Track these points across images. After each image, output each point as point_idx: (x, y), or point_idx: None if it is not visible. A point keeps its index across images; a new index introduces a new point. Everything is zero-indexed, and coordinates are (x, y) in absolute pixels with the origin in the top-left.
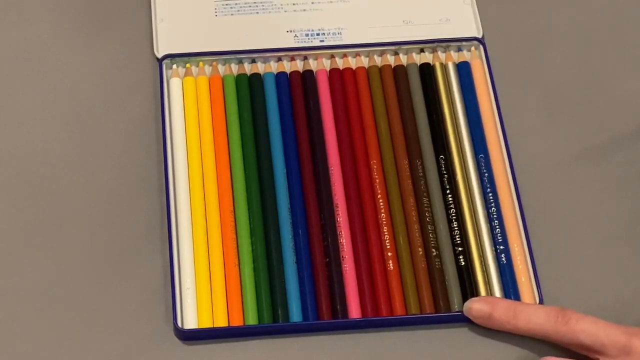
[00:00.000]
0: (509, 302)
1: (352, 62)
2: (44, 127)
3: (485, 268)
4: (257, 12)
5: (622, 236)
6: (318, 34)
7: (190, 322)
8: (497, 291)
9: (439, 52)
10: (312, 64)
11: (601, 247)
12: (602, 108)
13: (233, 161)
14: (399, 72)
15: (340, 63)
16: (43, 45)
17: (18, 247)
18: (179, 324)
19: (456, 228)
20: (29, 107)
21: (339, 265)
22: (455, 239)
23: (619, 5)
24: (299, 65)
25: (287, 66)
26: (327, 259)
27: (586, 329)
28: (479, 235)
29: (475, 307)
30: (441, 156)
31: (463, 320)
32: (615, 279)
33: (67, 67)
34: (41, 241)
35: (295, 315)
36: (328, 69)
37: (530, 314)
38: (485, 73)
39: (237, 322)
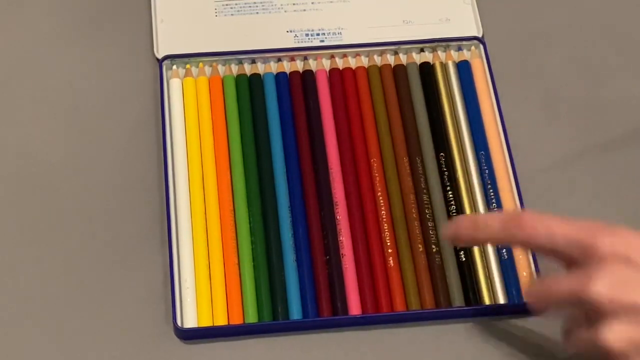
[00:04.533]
0: (471, 216)
1: (352, 62)
2: (44, 127)
3: (486, 263)
4: (257, 13)
5: None
6: (318, 34)
7: (190, 320)
8: (498, 286)
9: (439, 52)
10: (312, 64)
11: None
12: (602, 108)
13: (233, 161)
14: (399, 71)
15: (340, 63)
16: (43, 45)
17: (18, 246)
18: (179, 323)
19: None
20: (29, 107)
21: (338, 262)
22: None
23: (618, 5)
24: (298, 66)
25: (287, 66)
26: (327, 257)
27: (540, 229)
28: None
29: (448, 227)
30: (441, 153)
31: (464, 316)
32: None
33: (67, 67)
34: (41, 241)
35: (296, 313)
36: (328, 69)
37: (487, 223)
38: (485, 72)
39: (237, 320)
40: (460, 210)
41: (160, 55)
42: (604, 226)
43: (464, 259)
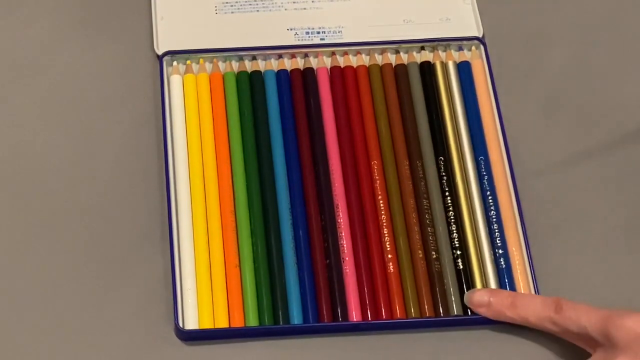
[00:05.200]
0: (508, 292)
1: (353, 60)
2: (44, 125)
3: (484, 272)
4: (258, 10)
5: (622, 240)
6: (318, 32)
7: (191, 322)
8: None
9: (440, 52)
10: (313, 62)
11: (601, 251)
12: (602, 108)
13: (234, 160)
14: (400, 70)
15: (341, 61)
16: (43, 42)
17: (18, 246)
18: (180, 325)
19: (455, 231)
20: (29, 105)
21: (339, 266)
22: (454, 242)
23: (618, 5)
24: (299, 63)
25: (287, 64)
26: (328, 260)
27: (572, 315)
28: (477, 239)
29: (476, 294)
30: (441, 157)
31: (461, 324)
32: (615, 283)
33: (67, 66)
34: (42, 241)
35: (296, 317)
36: (329, 67)
37: (528, 302)
38: (485, 73)
39: (237, 323)
40: (458, 216)
41: (160, 52)
42: (620, 314)
43: (461, 267)
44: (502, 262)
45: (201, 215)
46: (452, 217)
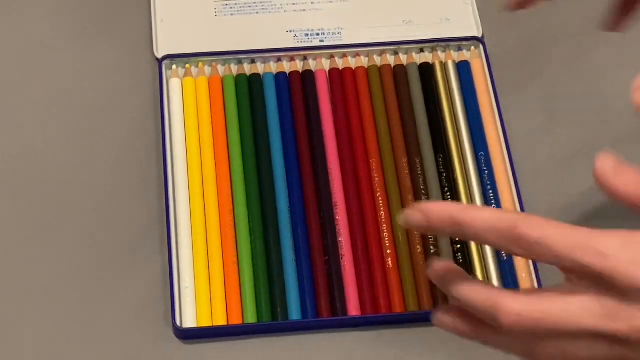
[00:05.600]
0: (448, 211)
1: (352, 62)
2: (43, 127)
3: (485, 264)
4: (257, 12)
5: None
6: (318, 34)
7: (189, 321)
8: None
9: (439, 52)
10: (312, 64)
11: None
12: (602, 107)
13: (232, 161)
14: (399, 71)
15: (339, 63)
16: (43, 44)
17: (17, 247)
18: (178, 323)
19: None
20: (29, 107)
21: (338, 263)
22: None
23: None
24: (298, 66)
25: (286, 66)
26: (326, 257)
27: (543, 249)
28: None
29: (406, 213)
30: (440, 155)
31: None
32: None
33: (67, 67)
34: (40, 240)
35: (295, 313)
36: (327, 69)
37: (476, 223)
38: (485, 72)
39: (236, 320)
40: None
41: (160, 55)
42: (622, 252)
43: (461, 260)
44: (504, 254)
45: (200, 214)
46: None
